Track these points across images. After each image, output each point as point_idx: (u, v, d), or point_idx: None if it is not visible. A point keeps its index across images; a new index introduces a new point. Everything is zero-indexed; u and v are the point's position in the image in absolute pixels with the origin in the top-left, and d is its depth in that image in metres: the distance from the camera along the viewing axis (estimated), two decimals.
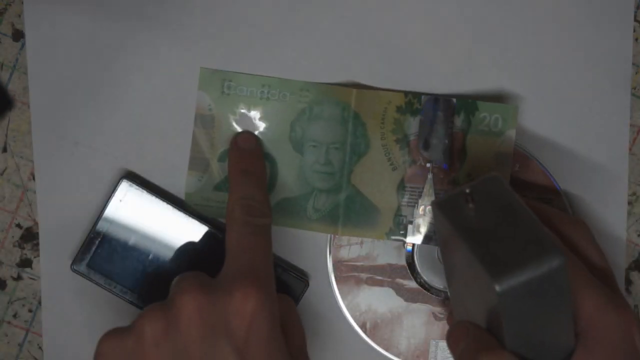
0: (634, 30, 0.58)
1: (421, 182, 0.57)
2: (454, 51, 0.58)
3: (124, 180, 0.58)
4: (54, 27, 0.58)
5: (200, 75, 0.58)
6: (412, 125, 0.57)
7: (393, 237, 0.57)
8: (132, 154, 0.59)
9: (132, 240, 0.58)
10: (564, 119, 0.58)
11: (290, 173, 0.57)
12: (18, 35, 0.59)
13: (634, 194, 0.59)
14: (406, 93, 0.57)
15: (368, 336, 0.58)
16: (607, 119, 0.58)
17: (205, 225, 0.58)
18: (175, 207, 0.57)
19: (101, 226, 0.58)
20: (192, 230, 0.58)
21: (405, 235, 0.57)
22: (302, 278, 0.58)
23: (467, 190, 0.46)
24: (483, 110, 0.57)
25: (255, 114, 0.57)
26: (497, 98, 0.58)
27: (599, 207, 0.58)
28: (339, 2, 0.58)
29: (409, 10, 0.58)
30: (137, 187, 0.58)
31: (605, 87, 0.58)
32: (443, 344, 0.58)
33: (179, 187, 0.59)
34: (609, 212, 0.59)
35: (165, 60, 0.58)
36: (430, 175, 0.56)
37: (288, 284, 0.58)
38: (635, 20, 0.58)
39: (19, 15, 0.59)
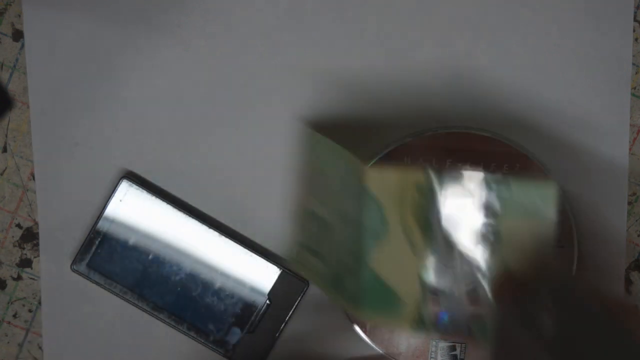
0: (634, 30, 0.58)
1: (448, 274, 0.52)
2: (454, 51, 0.58)
3: (124, 180, 0.58)
4: (53, 27, 0.58)
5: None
6: (434, 205, 0.52)
7: (420, 331, 0.52)
8: (132, 154, 0.59)
9: (132, 240, 0.58)
10: (564, 119, 0.58)
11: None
12: (18, 35, 0.59)
13: (634, 194, 0.59)
14: (425, 169, 0.52)
15: (368, 336, 0.58)
16: (607, 119, 0.58)
17: (205, 224, 0.58)
18: (175, 207, 0.58)
19: (101, 226, 0.58)
20: (191, 230, 0.58)
21: (432, 329, 0.52)
22: (303, 278, 0.58)
23: (545, 302, 0.44)
24: (518, 188, 0.51)
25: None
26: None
27: (599, 207, 0.58)
28: (341, 2, 0.58)
29: (410, 10, 0.58)
30: (137, 187, 0.58)
31: (605, 87, 0.58)
32: (443, 344, 0.58)
33: (179, 187, 0.59)
34: (609, 212, 0.59)
35: (165, 60, 0.58)
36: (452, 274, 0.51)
37: (288, 285, 0.58)
38: (635, 20, 0.58)
39: (19, 15, 0.59)
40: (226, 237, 0.58)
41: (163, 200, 0.58)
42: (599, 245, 0.59)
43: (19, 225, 0.60)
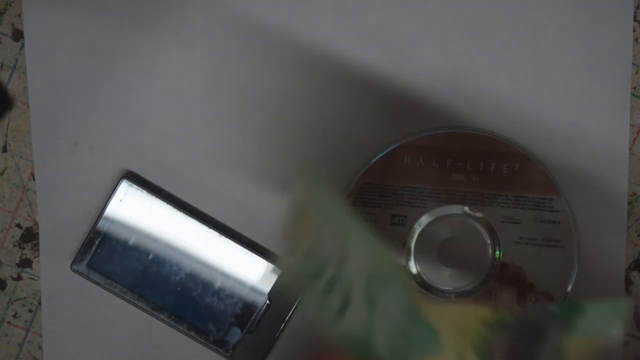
0: (634, 30, 0.58)
1: None
2: (454, 51, 0.58)
3: (124, 180, 0.58)
4: (53, 27, 0.58)
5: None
6: (500, 341, 0.47)
7: None
8: (132, 154, 0.59)
9: (132, 240, 0.58)
10: (564, 119, 0.58)
11: (357, 321, 0.48)
12: (18, 35, 0.59)
13: (634, 194, 0.59)
14: (497, 308, 0.47)
15: None
16: (607, 119, 0.58)
17: (205, 224, 0.58)
18: (175, 207, 0.58)
19: (101, 226, 0.58)
20: (191, 230, 0.58)
21: None
22: None
23: None
24: (590, 310, 0.47)
25: (338, 238, 0.48)
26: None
27: (599, 207, 0.58)
28: (340, 1, 0.58)
29: (409, 9, 0.58)
30: (137, 187, 0.58)
31: (605, 87, 0.58)
32: None
33: (179, 187, 0.59)
34: (609, 212, 0.58)
35: (165, 60, 0.58)
36: None
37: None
38: (635, 20, 0.58)
39: (19, 15, 0.59)
40: (226, 237, 0.58)
41: (163, 200, 0.58)
42: (599, 245, 0.59)
43: (19, 225, 0.60)
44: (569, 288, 0.58)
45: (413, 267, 0.58)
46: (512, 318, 0.46)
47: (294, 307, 0.58)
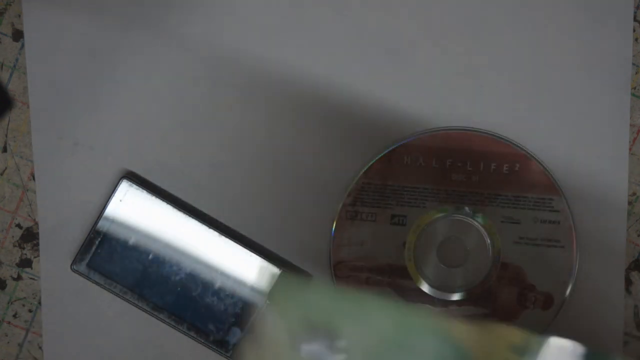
0: (634, 30, 0.58)
1: None
2: (454, 51, 0.58)
3: (124, 180, 0.58)
4: (53, 27, 0.58)
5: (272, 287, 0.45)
6: None
7: None
8: (132, 154, 0.59)
9: (132, 240, 0.58)
10: (564, 119, 0.58)
11: None
12: (18, 35, 0.59)
13: (634, 194, 0.59)
14: (525, 333, 0.46)
15: None
16: (607, 119, 0.58)
17: (205, 224, 0.58)
18: (175, 207, 0.58)
19: (101, 226, 0.58)
20: (191, 230, 0.58)
21: None
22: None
23: None
24: None
25: (326, 332, 0.47)
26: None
27: (599, 207, 0.58)
28: (341, 2, 0.58)
29: (409, 9, 0.58)
30: (137, 187, 0.58)
31: (605, 87, 0.58)
32: None
33: (179, 187, 0.59)
34: (609, 212, 0.59)
35: (165, 60, 0.58)
36: None
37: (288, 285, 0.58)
38: (635, 20, 0.58)
39: (19, 15, 0.59)
40: (226, 237, 0.58)
41: (163, 200, 0.58)
42: (599, 245, 0.59)
43: (19, 225, 0.60)
44: (569, 288, 0.58)
45: (413, 267, 0.58)
46: (540, 345, 0.46)
47: None
